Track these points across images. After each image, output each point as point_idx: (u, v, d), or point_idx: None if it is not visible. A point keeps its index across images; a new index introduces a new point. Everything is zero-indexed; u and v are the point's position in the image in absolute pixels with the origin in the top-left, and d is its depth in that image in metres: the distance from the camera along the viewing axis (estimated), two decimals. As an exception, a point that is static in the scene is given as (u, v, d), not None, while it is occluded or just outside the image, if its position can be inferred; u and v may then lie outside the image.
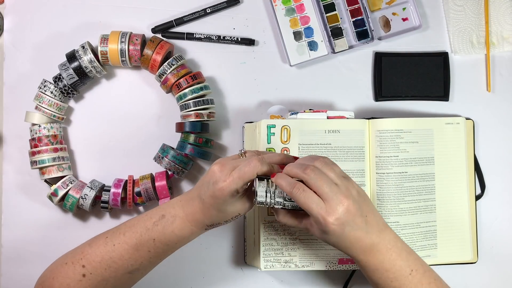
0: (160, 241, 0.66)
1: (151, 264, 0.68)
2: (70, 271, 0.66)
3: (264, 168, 0.63)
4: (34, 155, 0.80)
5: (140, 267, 0.67)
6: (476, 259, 0.83)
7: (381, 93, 0.86)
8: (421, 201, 0.80)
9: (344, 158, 0.79)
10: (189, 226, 0.66)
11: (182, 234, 0.66)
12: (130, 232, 0.67)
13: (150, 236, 0.66)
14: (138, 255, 0.66)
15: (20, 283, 0.83)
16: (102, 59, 0.81)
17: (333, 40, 0.85)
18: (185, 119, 0.81)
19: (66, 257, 0.68)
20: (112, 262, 0.66)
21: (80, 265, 0.66)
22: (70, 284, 0.66)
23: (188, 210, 0.66)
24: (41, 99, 0.81)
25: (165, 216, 0.66)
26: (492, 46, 0.88)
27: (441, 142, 0.81)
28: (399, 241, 0.65)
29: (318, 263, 0.78)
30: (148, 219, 0.67)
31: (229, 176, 0.62)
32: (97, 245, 0.67)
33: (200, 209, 0.65)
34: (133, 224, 0.68)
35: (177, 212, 0.66)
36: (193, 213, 0.66)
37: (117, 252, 0.66)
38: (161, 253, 0.67)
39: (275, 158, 0.67)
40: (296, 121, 0.79)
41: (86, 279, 0.66)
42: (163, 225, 0.66)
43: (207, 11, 0.86)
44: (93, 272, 0.66)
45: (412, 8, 0.86)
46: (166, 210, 0.67)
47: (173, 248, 0.68)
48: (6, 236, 0.84)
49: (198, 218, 0.66)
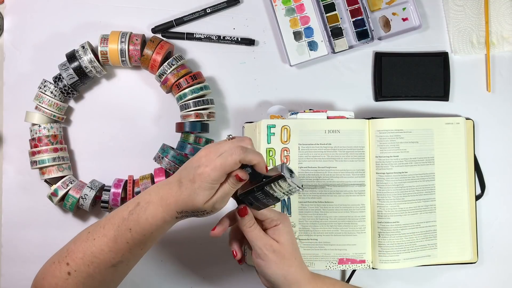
0: (136, 231, 0.64)
1: (133, 255, 0.67)
2: (57, 270, 0.66)
3: (247, 157, 0.62)
4: (34, 155, 0.80)
5: (122, 259, 0.66)
6: (476, 259, 0.83)
7: (381, 93, 0.86)
8: (421, 201, 0.80)
9: (344, 158, 0.79)
10: (161, 211, 0.64)
11: (155, 222, 0.64)
12: (109, 224, 0.65)
13: (126, 227, 0.64)
14: (118, 248, 0.65)
15: (20, 283, 0.83)
16: (102, 59, 0.81)
17: (333, 40, 0.85)
18: (185, 119, 0.81)
19: (54, 256, 0.68)
20: (94, 257, 0.65)
21: (65, 263, 0.65)
22: (58, 283, 0.65)
23: (162, 193, 0.64)
24: (41, 99, 0.81)
25: (140, 204, 0.65)
26: (492, 46, 0.88)
27: (441, 142, 0.81)
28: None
29: (318, 263, 0.78)
30: (125, 208, 0.66)
31: (212, 162, 0.61)
32: (80, 241, 0.66)
33: (174, 193, 0.63)
34: (112, 216, 0.66)
35: (151, 198, 0.65)
36: (167, 197, 0.64)
37: (97, 246, 0.65)
38: (140, 244, 0.66)
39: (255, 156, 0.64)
40: (296, 121, 0.79)
41: (71, 277, 0.65)
42: (138, 213, 0.64)
43: (207, 11, 0.86)
44: (77, 269, 0.65)
45: (412, 8, 0.86)
46: (142, 197, 0.66)
47: (150, 238, 0.66)
48: (6, 236, 0.84)
49: (170, 204, 0.64)
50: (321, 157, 0.79)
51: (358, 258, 0.78)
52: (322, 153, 0.79)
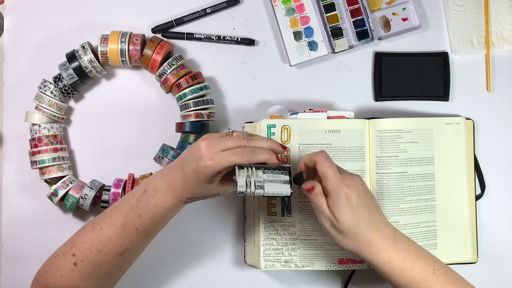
0: (146, 216, 0.66)
1: (140, 242, 0.68)
2: (61, 262, 0.66)
3: (257, 159, 0.64)
4: (34, 155, 0.80)
5: (130, 246, 0.67)
6: (476, 259, 0.83)
7: (381, 93, 0.86)
8: (421, 201, 0.80)
9: (344, 158, 0.79)
10: (170, 197, 0.66)
11: (166, 207, 0.66)
12: (116, 213, 0.67)
13: (135, 213, 0.66)
14: (126, 235, 0.66)
15: (20, 283, 0.83)
16: (102, 59, 0.81)
17: (333, 40, 0.85)
18: (185, 119, 0.81)
19: (58, 250, 0.69)
20: (102, 246, 0.66)
21: (71, 254, 0.66)
22: (63, 274, 0.66)
23: (169, 180, 0.66)
24: (41, 99, 0.81)
25: (147, 191, 0.66)
26: (492, 46, 0.88)
27: (441, 142, 0.81)
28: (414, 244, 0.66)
29: (318, 263, 0.78)
30: (132, 196, 0.67)
31: (216, 156, 0.62)
32: (85, 232, 0.67)
33: (181, 181, 0.65)
34: (117, 205, 0.67)
35: (158, 185, 0.66)
36: (174, 184, 0.65)
37: (105, 235, 0.66)
38: (148, 229, 0.67)
39: (263, 143, 0.66)
40: (296, 121, 0.79)
41: (77, 267, 0.66)
42: (146, 199, 0.66)
43: (207, 11, 0.86)
44: (84, 259, 0.66)
45: (412, 8, 0.86)
46: (148, 184, 0.67)
47: (159, 222, 0.67)
48: (6, 236, 0.84)
49: (178, 190, 0.66)
50: (321, 157, 0.79)
51: (358, 258, 0.78)
52: (322, 153, 0.79)
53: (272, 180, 0.64)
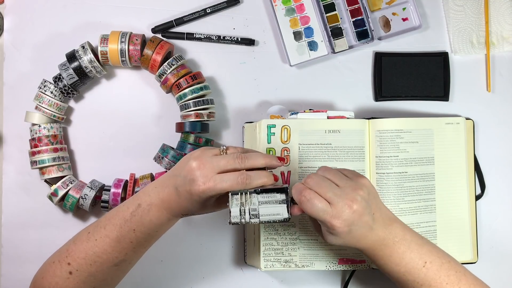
0: (140, 231, 0.65)
1: (136, 253, 0.68)
2: (57, 269, 0.66)
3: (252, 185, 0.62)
4: (34, 155, 0.80)
5: (125, 257, 0.67)
6: (476, 259, 0.83)
7: (381, 93, 0.86)
8: (421, 201, 0.80)
9: (344, 158, 0.79)
10: (165, 213, 0.65)
11: (160, 222, 0.66)
12: (110, 225, 0.66)
13: (129, 227, 0.65)
14: (121, 247, 0.66)
15: (20, 283, 0.83)
16: (102, 59, 0.81)
17: (333, 40, 0.85)
18: (185, 119, 0.81)
19: (54, 255, 0.68)
20: (96, 257, 0.65)
21: (66, 263, 0.66)
22: (58, 282, 0.66)
23: (163, 196, 0.65)
24: (41, 99, 0.81)
25: (141, 205, 0.65)
26: (492, 46, 0.88)
27: (441, 142, 0.81)
28: (408, 233, 0.65)
29: (318, 263, 0.78)
30: (126, 209, 0.66)
31: (209, 180, 0.61)
32: (80, 241, 0.67)
33: (175, 199, 0.64)
34: (112, 216, 0.67)
35: (152, 200, 0.65)
36: (168, 201, 0.65)
37: (99, 247, 0.65)
38: (144, 242, 0.67)
39: (259, 161, 0.65)
40: (296, 121, 0.79)
41: (73, 276, 0.66)
42: (140, 214, 0.65)
43: (207, 11, 0.86)
44: (79, 268, 0.65)
45: (412, 8, 0.86)
46: (142, 198, 0.66)
47: (155, 236, 0.67)
48: (6, 236, 0.84)
49: (173, 207, 0.65)
50: (321, 157, 0.79)
51: (358, 258, 0.78)
52: (322, 153, 0.79)
53: (267, 201, 0.63)
